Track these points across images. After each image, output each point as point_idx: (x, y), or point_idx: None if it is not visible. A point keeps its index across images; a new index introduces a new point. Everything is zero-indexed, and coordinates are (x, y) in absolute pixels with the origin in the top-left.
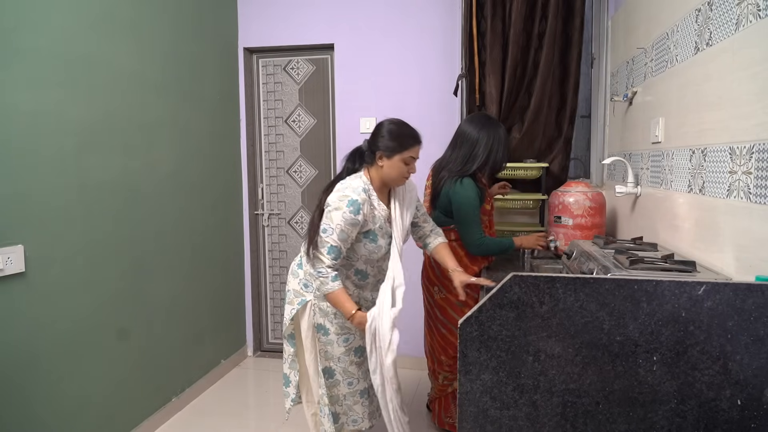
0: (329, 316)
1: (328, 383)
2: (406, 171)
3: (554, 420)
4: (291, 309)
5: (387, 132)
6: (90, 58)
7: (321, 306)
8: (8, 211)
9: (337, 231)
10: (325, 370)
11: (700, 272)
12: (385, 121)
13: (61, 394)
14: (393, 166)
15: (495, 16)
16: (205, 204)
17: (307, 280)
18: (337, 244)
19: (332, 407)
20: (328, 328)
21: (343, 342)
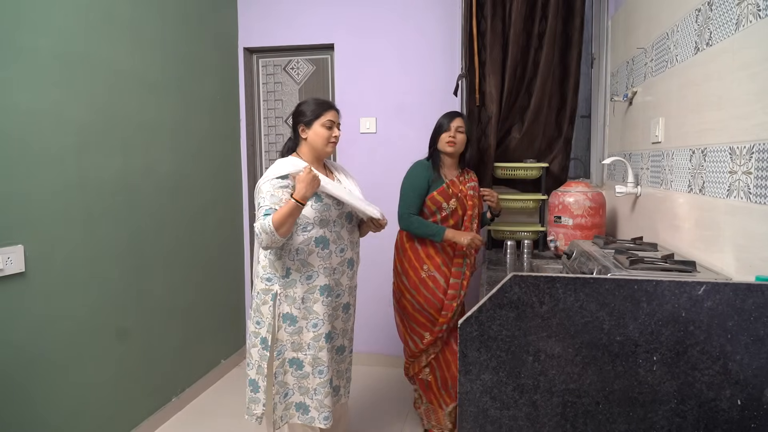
0: (296, 302)
1: (297, 374)
2: (329, 135)
3: (554, 420)
4: (269, 307)
5: (303, 107)
6: (90, 58)
7: (287, 293)
8: (8, 211)
9: (268, 196)
10: (292, 362)
11: (700, 272)
12: (302, 101)
13: (62, 394)
14: (316, 134)
15: (495, 16)
16: (205, 204)
17: (267, 272)
18: (271, 206)
19: (302, 398)
20: (295, 315)
21: (312, 327)
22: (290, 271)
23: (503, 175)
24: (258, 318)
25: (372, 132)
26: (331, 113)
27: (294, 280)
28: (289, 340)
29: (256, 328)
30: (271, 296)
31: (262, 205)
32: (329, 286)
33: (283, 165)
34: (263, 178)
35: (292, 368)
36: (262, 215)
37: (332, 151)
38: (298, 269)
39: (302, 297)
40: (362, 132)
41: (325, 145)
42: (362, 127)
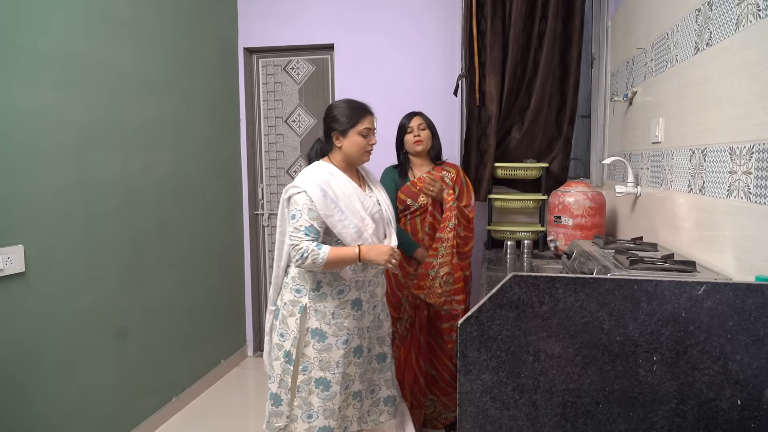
0: (326, 318)
1: (323, 396)
2: (366, 144)
3: (554, 420)
4: (296, 320)
5: (336, 112)
6: (90, 57)
7: (317, 308)
8: (8, 211)
9: (305, 210)
10: (319, 382)
11: (700, 272)
12: (333, 102)
13: (62, 394)
14: (351, 143)
15: (495, 16)
16: (205, 204)
17: (298, 284)
18: (310, 223)
19: (326, 422)
20: (325, 331)
21: (342, 344)
22: (321, 285)
23: (503, 175)
24: (283, 330)
25: None
26: (367, 120)
27: (325, 294)
28: (317, 357)
29: (280, 341)
30: (299, 309)
31: (297, 218)
32: (361, 300)
33: (318, 175)
34: (296, 186)
35: (318, 389)
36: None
37: (368, 159)
38: (330, 283)
39: (333, 312)
40: None
41: (362, 154)
42: None
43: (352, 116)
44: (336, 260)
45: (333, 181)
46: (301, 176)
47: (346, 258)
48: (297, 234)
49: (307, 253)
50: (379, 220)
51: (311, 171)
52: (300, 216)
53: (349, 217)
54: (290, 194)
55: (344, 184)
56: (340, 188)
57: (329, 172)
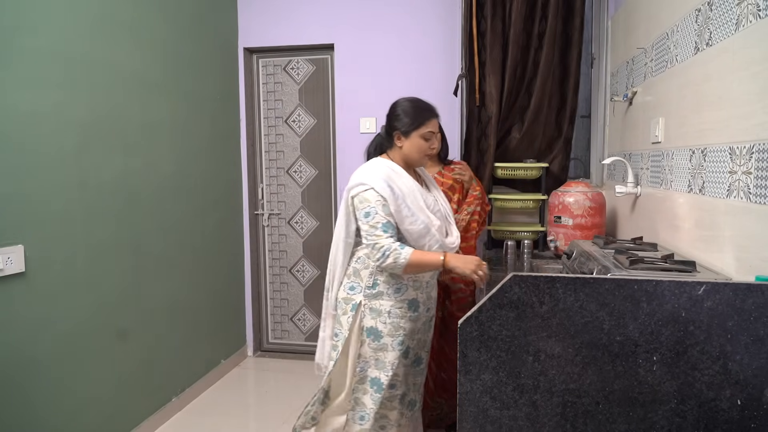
0: (382, 316)
1: (376, 398)
2: (427, 147)
3: (554, 420)
4: (347, 318)
5: (401, 110)
6: (90, 58)
7: (372, 305)
8: (8, 211)
9: (379, 207)
10: (374, 381)
11: (700, 272)
12: (399, 100)
13: (62, 394)
14: (413, 145)
15: (495, 16)
16: (205, 204)
17: (352, 281)
18: (386, 219)
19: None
20: (381, 330)
21: (398, 345)
22: (377, 283)
23: (503, 175)
24: (337, 329)
25: (372, 132)
26: (432, 123)
27: (381, 292)
28: (372, 356)
29: (334, 341)
30: (352, 306)
31: (372, 215)
32: (418, 301)
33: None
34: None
35: (372, 389)
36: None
37: (427, 163)
38: (387, 281)
39: (389, 311)
40: (362, 132)
41: (422, 158)
42: (362, 127)
43: (417, 117)
44: (418, 263)
45: (397, 178)
46: (364, 173)
47: (430, 263)
48: (375, 231)
49: (389, 251)
50: (441, 218)
51: (373, 168)
52: (375, 213)
53: (416, 213)
54: (356, 192)
55: (407, 180)
56: (404, 185)
57: (391, 169)
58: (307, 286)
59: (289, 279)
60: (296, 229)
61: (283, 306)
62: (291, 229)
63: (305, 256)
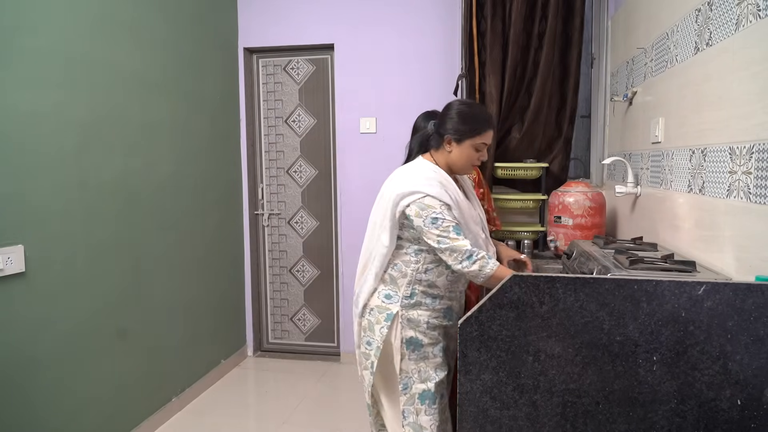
0: (420, 326)
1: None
2: (475, 158)
3: (554, 420)
4: (380, 328)
5: (457, 114)
6: (90, 58)
7: (410, 316)
8: (8, 211)
9: (446, 212)
10: (424, 396)
11: (700, 272)
12: (455, 102)
13: (62, 394)
14: (462, 153)
15: (495, 16)
16: (205, 204)
17: (389, 289)
18: (456, 221)
19: None
20: (421, 339)
21: (440, 351)
22: (415, 293)
23: (503, 175)
24: (369, 338)
25: (372, 132)
26: (487, 135)
27: (419, 302)
28: (415, 369)
29: (367, 349)
30: (387, 316)
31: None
32: (452, 310)
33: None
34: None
35: (425, 404)
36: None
37: (471, 173)
38: (425, 291)
39: (427, 321)
40: (362, 132)
41: (468, 168)
42: (362, 127)
43: (475, 126)
44: (497, 278)
45: (447, 185)
46: (413, 179)
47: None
48: (449, 235)
49: (476, 257)
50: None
51: (422, 174)
52: (443, 217)
53: (468, 223)
54: (412, 201)
55: (455, 189)
56: (453, 192)
57: (441, 176)
58: (307, 286)
59: (289, 279)
60: (296, 229)
61: (283, 306)
62: (291, 229)
63: (305, 256)
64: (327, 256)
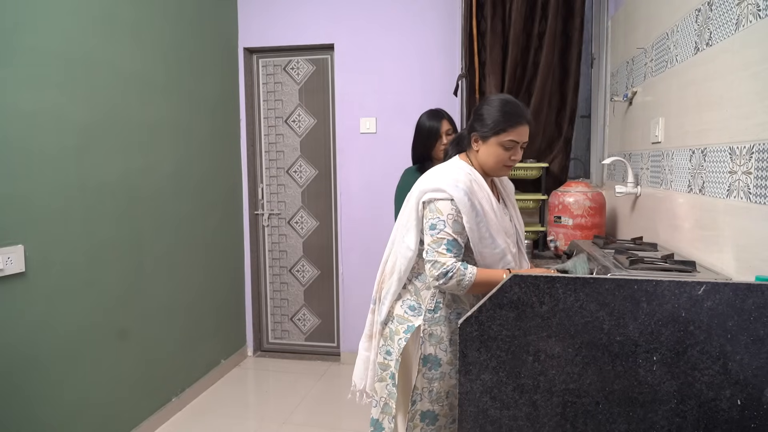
0: (443, 343)
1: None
2: (506, 158)
3: (554, 420)
4: (398, 339)
5: (484, 110)
6: (90, 58)
7: (432, 331)
8: (8, 211)
9: (450, 222)
10: (425, 415)
11: (700, 272)
12: (491, 96)
13: (62, 394)
14: (489, 152)
15: (495, 16)
16: (205, 204)
17: (413, 300)
18: (454, 237)
19: None
20: (441, 358)
21: (456, 373)
22: (440, 306)
23: None
24: (390, 347)
25: (372, 132)
26: (516, 131)
27: (442, 317)
28: (427, 388)
29: (386, 359)
30: (408, 328)
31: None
32: None
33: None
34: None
35: (423, 422)
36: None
37: (505, 175)
38: (449, 305)
39: (450, 338)
40: (362, 132)
41: (498, 169)
42: (362, 127)
43: (500, 122)
44: (482, 283)
45: (478, 190)
46: (443, 177)
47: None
48: (438, 248)
49: (452, 273)
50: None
51: (454, 173)
52: (443, 227)
53: (494, 237)
54: (431, 198)
55: (487, 196)
56: (485, 200)
57: (473, 179)
58: (307, 286)
59: (289, 279)
60: (296, 229)
61: (283, 306)
62: (291, 229)
63: (305, 256)
64: (327, 256)
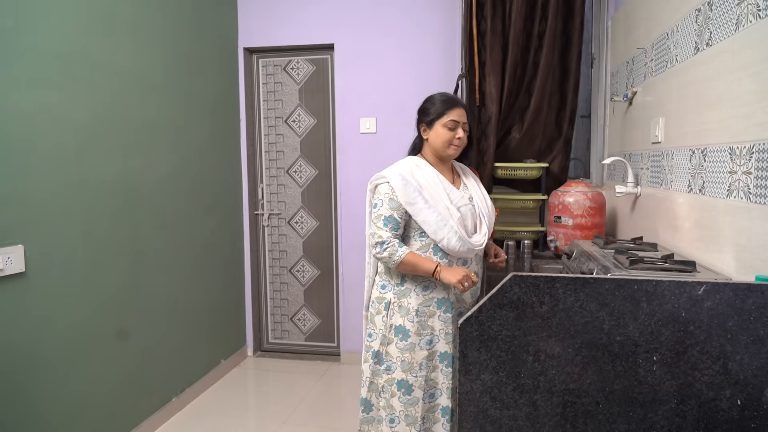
0: (410, 315)
1: (405, 400)
2: (451, 137)
3: (554, 420)
4: (382, 317)
5: (427, 103)
6: (90, 58)
7: (401, 303)
8: (8, 211)
9: (386, 200)
10: (401, 383)
11: (700, 272)
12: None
13: (61, 394)
14: (437, 135)
15: (495, 16)
16: (205, 204)
17: (383, 279)
18: (390, 213)
19: (408, 429)
20: (409, 329)
21: (426, 344)
22: (405, 280)
23: (503, 175)
24: (371, 330)
25: (372, 132)
26: (455, 112)
27: (408, 290)
28: (399, 357)
29: (368, 341)
30: (385, 305)
31: (378, 208)
32: (449, 301)
33: (404, 166)
34: (382, 176)
35: (400, 391)
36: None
37: (455, 154)
38: (414, 278)
39: (416, 309)
40: (362, 132)
41: (446, 147)
42: (362, 127)
43: (440, 107)
44: (411, 265)
45: (417, 172)
46: (387, 169)
47: (422, 268)
48: (377, 223)
49: (387, 245)
50: (466, 214)
51: (397, 163)
52: (381, 206)
53: (433, 205)
54: (375, 184)
55: (429, 174)
56: (424, 177)
57: (415, 164)
58: (307, 286)
59: (289, 279)
60: (296, 229)
61: (283, 306)
62: (291, 229)
63: (305, 256)
64: (327, 256)
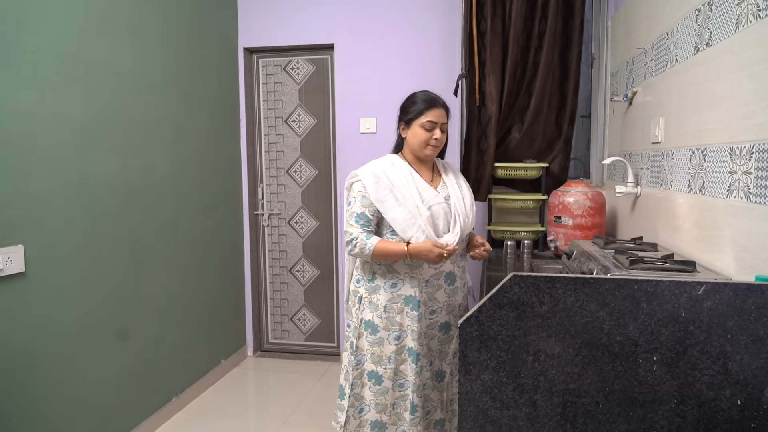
0: (378, 310)
1: (375, 390)
2: (428, 137)
3: (554, 420)
4: (356, 310)
5: (407, 102)
6: (90, 58)
7: (371, 299)
8: (8, 211)
9: (359, 198)
10: (371, 374)
11: (700, 272)
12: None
13: (61, 394)
14: (414, 135)
15: (495, 16)
16: (205, 204)
17: (358, 274)
18: (362, 210)
19: (378, 416)
20: (377, 324)
21: (394, 340)
22: (375, 276)
23: (503, 175)
24: (349, 320)
25: (372, 132)
26: (433, 112)
27: (378, 286)
28: (369, 350)
29: (347, 332)
30: (358, 299)
31: (351, 205)
32: (417, 299)
33: (378, 164)
34: (355, 175)
35: (370, 382)
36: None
37: (432, 154)
38: (383, 275)
39: (384, 305)
40: (362, 132)
41: (423, 147)
42: (362, 127)
43: (419, 107)
44: (383, 253)
45: (391, 170)
46: (362, 167)
47: (394, 253)
48: (350, 220)
49: (356, 240)
50: (438, 213)
51: (373, 162)
52: (353, 203)
53: (403, 203)
54: (350, 183)
55: (402, 172)
56: (397, 176)
57: (390, 162)
58: (307, 286)
59: (289, 279)
60: (296, 229)
61: (283, 306)
62: (291, 229)
63: (305, 256)
64: (327, 256)
